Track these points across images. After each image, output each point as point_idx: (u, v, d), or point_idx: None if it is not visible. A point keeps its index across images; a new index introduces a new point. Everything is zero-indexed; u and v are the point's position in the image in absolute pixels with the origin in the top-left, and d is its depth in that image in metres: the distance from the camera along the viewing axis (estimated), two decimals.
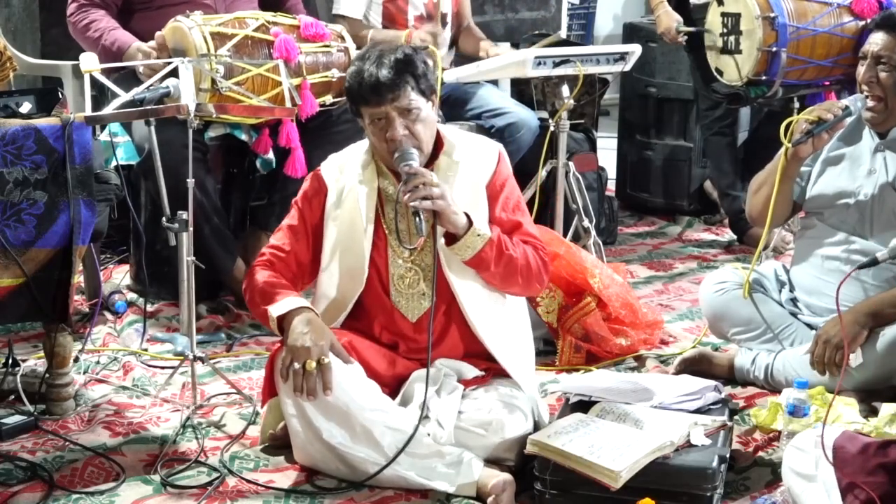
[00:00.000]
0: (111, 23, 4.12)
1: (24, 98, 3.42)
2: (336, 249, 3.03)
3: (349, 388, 2.85)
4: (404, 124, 2.89)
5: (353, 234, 3.00)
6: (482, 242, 2.89)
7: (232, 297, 4.21)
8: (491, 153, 3.07)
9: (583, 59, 4.28)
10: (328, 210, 3.04)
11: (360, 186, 3.01)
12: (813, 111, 3.33)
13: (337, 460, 2.86)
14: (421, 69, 2.92)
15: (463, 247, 2.88)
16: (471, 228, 2.88)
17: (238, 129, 4.03)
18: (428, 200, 2.82)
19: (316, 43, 3.94)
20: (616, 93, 6.05)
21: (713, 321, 3.62)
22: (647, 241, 5.27)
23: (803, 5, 4.29)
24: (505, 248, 2.93)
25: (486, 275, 2.96)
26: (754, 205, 3.52)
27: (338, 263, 3.03)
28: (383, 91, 2.87)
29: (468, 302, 2.98)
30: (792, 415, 3.01)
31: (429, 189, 2.82)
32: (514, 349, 3.06)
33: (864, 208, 3.37)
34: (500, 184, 3.04)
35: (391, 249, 3.01)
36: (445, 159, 3.00)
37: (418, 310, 3.02)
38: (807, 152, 3.32)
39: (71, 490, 2.87)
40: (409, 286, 3.01)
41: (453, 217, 2.86)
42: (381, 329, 3.05)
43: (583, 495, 2.75)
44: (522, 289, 3.04)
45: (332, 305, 3.05)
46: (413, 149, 2.89)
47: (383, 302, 3.03)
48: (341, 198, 3.03)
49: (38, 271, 3.11)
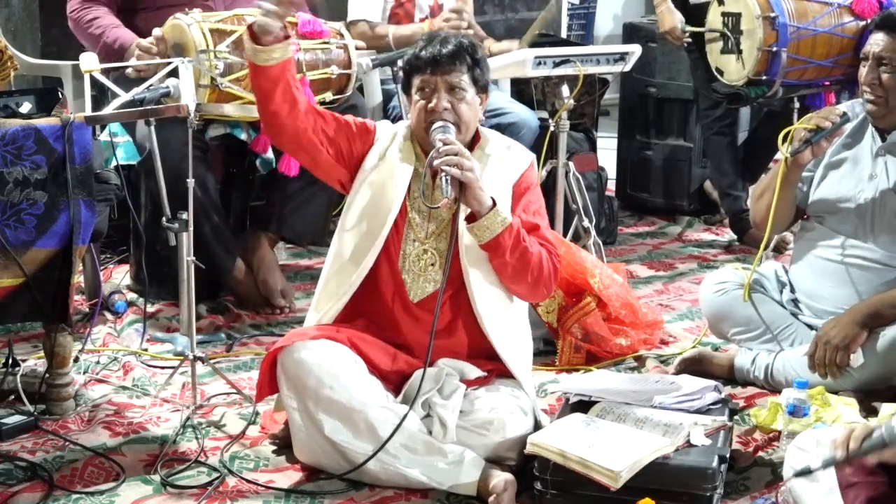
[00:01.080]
0: (113, 20, 4.12)
1: (24, 98, 3.42)
2: (364, 214, 3.04)
3: (351, 384, 2.85)
4: (448, 99, 2.96)
5: (382, 203, 3.02)
6: (502, 226, 2.90)
7: (232, 297, 4.21)
8: (524, 158, 3.13)
9: (583, 59, 4.28)
10: (365, 166, 3.07)
11: (400, 162, 3.05)
12: (811, 119, 3.32)
13: (338, 456, 2.86)
14: (480, 59, 3.04)
15: (483, 227, 2.89)
16: (494, 209, 2.89)
17: (238, 128, 4.03)
18: (457, 169, 2.84)
19: (314, 40, 3.94)
20: (616, 93, 6.04)
21: (713, 321, 3.62)
22: (647, 241, 5.27)
23: (804, 5, 4.29)
24: (522, 239, 2.94)
25: (499, 263, 2.96)
26: (757, 211, 3.51)
27: (359, 229, 3.04)
28: (440, 62, 2.97)
29: (478, 292, 2.98)
30: (792, 415, 3.02)
31: (460, 159, 2.86)
32: (517, 349, 3.07)
33: (865, 212, 3.36)
34: (525, 186, 3.07)
35: (409, 228, 3.03)
36: (479, 152, 3.05)
37: (423, 291, 3.02)
38: (806, 160, 3.32)
39: (71, 490, 2.87)
40: (421, 268, 3.02)
41: (479, 193, 2.88)
42: (384, 306, 3.04)
43: (583, 495, 2.75)
44: (530, 288, 3.03)
45: (346, 266, 3.05)
46: (451, 126, 2.95)
47: (393, 277, 3.03)
48: (381, 164, 3.06)
49: (38, 271, 3.11)
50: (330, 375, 2.85)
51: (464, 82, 2.99)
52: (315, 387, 2.85)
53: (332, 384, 2.84)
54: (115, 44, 4.03)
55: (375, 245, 3.00)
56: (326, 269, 3.12)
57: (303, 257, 4.79)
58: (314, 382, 2.85)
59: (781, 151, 3.28)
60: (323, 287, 3.12)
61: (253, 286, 4.18)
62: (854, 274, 3.35)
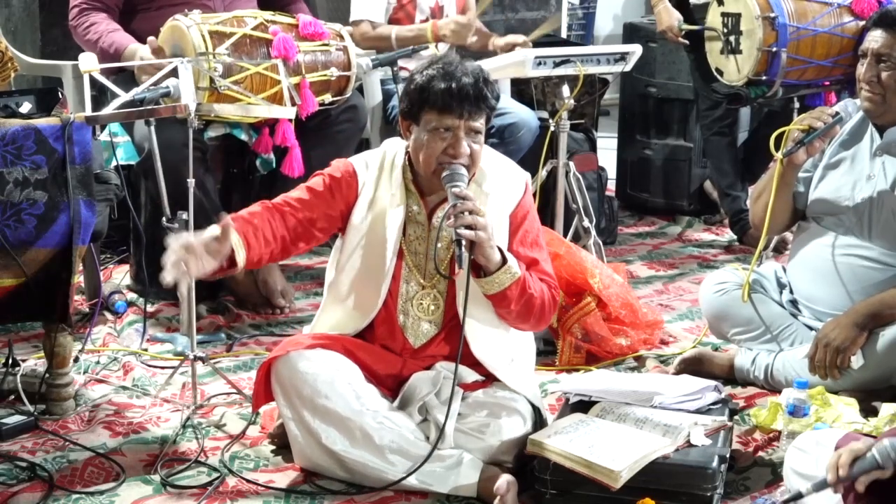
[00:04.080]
0: (110, 25, 4.11)
1: (24, 98, 3.42)
2: (359, 259, 2.98)
3: (346, 392, 2.84)
4: (466, 142, 2.84)
5: (377, 253, 2.95)
6: (511, 280, 2.83)
7: (232, 297, 4.21)
8: (518, 183, 3.03)
9: (583, 59, 4.28)
10: (355, 212, 2.97)
11: (393, 207, 2.95)
12: (803, 120, 3.32)
13: (336, 465, 2.86)
14: (496, 93, 2.89)
15: (492, 282, 2.82)
16: (504, 266, 2.82)
17: (238, 128, 4.02)
18: (471, 230, 2.74)
19: (314, 42, 3.94)
20: (616, 93, 6.04)
21: (713, 321, 3.62)
22: (647, 241, 5.27)
23: (803, 5, 4.29)
24: (528, 287, 2.87)
25: (503, 311, 2.91)
26: (756, 212, 3.51)
27: (356, 272, 2.98)
28: (465, 103, 2.80)
29: (472, 334, 2.93)
30: (792, 415, 3.02)
31: (474, 218, 2.74)
32: (517, 368, 3.04)
33: (863, 212, 3.36)
34: (521, 215, 2.99)
35: (406, 269, 2.98)
36: (475, 187, 2.94)
37: (423, 335, 3.00)
38: (801, 160, 3.32)
39: (71, 490, 2.87)
40: (419, 310, 2.98)
41: (489, 251, 2.78)
42: (383, 348, 3.02)
43: (583, 495, 2.75)
44: (531, 327, 3.01)
45: (344, 315, 3.02)
46: (463, 170, 2.83)
47: (391, 321, 3.00)
48: (372, 209, 2.97)
49: (38, 271, 3.11)
50: (325, 384, 2.84)
51: (481, 125, 2.85)
52: (310, 396, 2.84)
53: (327, 393, 2.83)
54: (111, 48, 4.02)
55: (378, 299, 2.95)
56: (325, 300, 3.07)
57: (303, 257, 4.79)
58: (309, 392, 2.84)
59: (774, 153, 3.28)
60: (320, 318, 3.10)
61: (253, 286, 4.18)
62: (851, 273, 3.35)
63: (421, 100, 2.85)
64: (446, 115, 2.82)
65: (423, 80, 2.86)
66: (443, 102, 2.81)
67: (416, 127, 2.89)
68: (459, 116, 2.81)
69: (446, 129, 2.83)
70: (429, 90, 2.83)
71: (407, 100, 2.90)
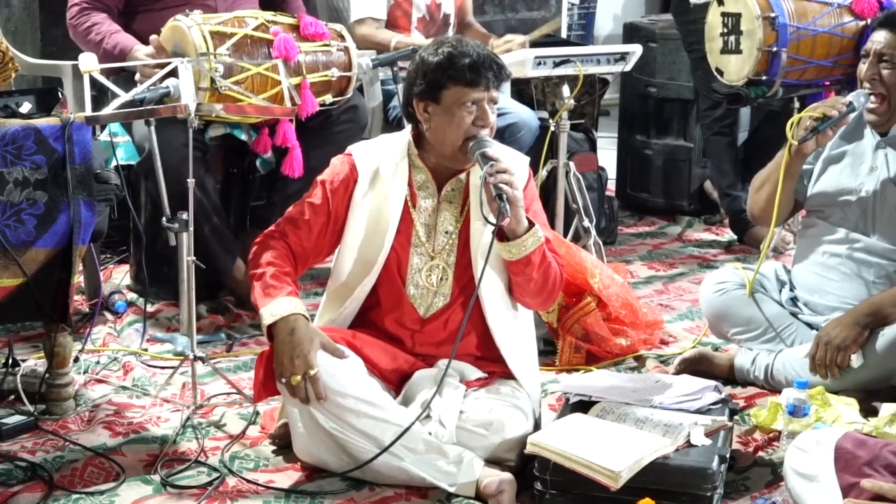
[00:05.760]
0: (112, 26, 4.10)
1: (24, 98, 3.42)
2: (358, 237, 3.01)
3: (349, 386, 2.84)
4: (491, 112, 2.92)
5: (378, 226, 2.99)
6: (536, 245, 2.88)
7: (232, 297, 4.21)
8: (522, 169, 3.07)
9: (583, 59, 4.28)
10: (356, 199, 3.01)
11: (395, 181, 2.99)
12: (817, 108, 3.33)
13: (339, 450, 2.85)
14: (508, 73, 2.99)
15: (520, 245, 2.87)
16: (531, 228, 2.87)
17: (238, 128, 4.02)
18: (509, 186, 2.80)
19: (315, 42, 3.93)
20: (616, 93, 6.05)
21: (713, 321, 3.62)
22: (647, 241, 5.27)
23: (804, 5, 4.29)
24: (547, 255, 2.93)
25: (524, 279, 2.94)
26: (756, 202, 3.52)
27: (356, 250, 3.02)
28: (490, 73, 2.87)
29: (490, 303, 2.97)
30: (792, 415, 3.02)
31: (510, 177, 2.81)
32: (522, 353, 3.07)
33: (866, 205, 3.37)
34: (529, 198, 3.03)
35: (415, 240, 3.01)
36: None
37: (432, 306, 3.02)
38: (810, 149, 3.32)
39: (71, 490, 2.87)
40: (428, 281, 3.01)
41: (520, 212, 2.85)
42: (392, 321, 3.04)
43: (583, 495, 2.75)
44: (543, 301, 3.05)
45: (342, 288, 3.05)
46: (489, 137, 2.90)
47: (398, 293, 3.02)
48: (372, 188, 3.01)
49: (38, 271, 3.10)
50: (328, 376, 2.84)
51: (498, 95, 2.95)
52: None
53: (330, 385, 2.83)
54: (115, 49, 4.02)
55: (376, 266, 2.98)
56: (328, 288, 3.10)
57: None
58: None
59: (789, 138, 3.28)
60: (324, 307, 3.12)
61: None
62: (858, 267, 3.36)
63: (445, 77, 2.89)
64: (473, 87, 2.88)
65: (441, 58, 2.90)
66: (470, 76, 2.87)
67: (434, 106, 2.92)
68: (486, 88, 2.89)
69: (473, 103, 2.88)
70: (453, 66, 2.88)
71: (425, 80, 2.92)
